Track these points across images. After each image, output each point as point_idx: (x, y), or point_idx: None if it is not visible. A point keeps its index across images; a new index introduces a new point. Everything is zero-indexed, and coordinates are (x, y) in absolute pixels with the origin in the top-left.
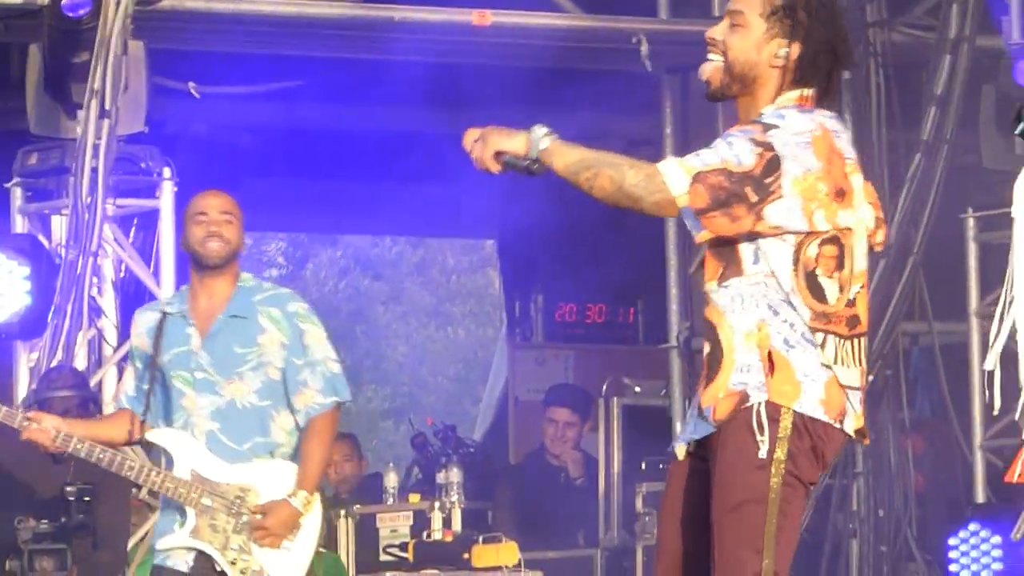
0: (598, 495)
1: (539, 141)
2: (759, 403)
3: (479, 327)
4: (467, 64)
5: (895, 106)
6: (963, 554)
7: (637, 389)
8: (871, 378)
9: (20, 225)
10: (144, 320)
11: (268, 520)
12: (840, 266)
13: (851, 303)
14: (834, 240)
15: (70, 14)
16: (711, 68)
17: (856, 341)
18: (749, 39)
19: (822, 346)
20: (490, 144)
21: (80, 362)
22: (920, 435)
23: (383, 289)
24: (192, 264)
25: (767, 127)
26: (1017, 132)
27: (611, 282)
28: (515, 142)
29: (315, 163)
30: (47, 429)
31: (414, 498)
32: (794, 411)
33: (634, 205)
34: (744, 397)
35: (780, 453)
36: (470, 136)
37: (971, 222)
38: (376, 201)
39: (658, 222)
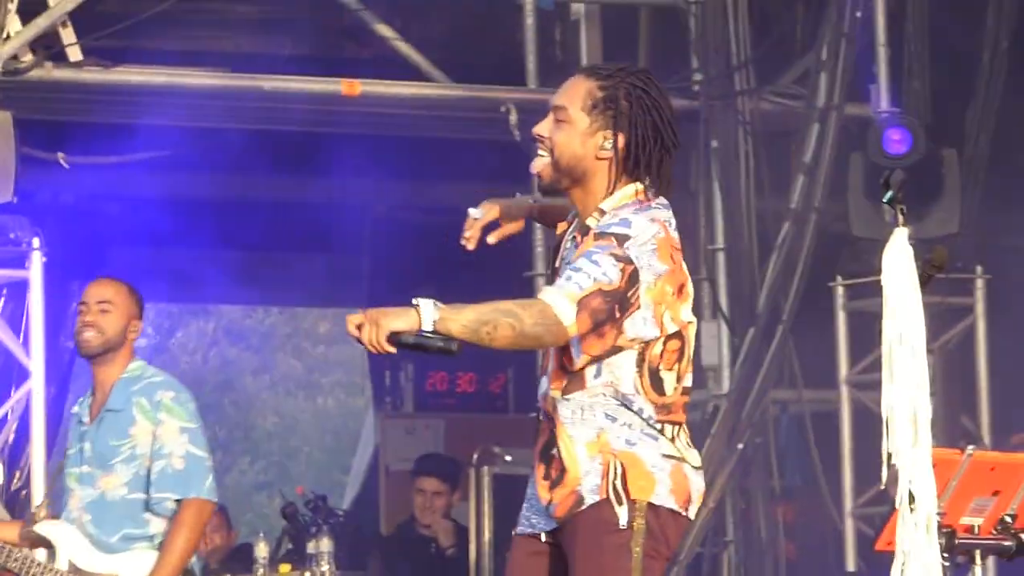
0: (468, 564)
1: (430, 313)
2: (589, 505)
3: (348, 396)
4: (338, 134)
5: (764, 174)
6: None
7: (508, 458)
8: (740, 446)
9: None
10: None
11: None
12: (680, 357)
13: (686, 390)
14: (677, 335)
15: None
16: (541, 164)
17: (687, 427)
18: (573, 134)
19: (663, 436)
20: (382, 327)
21: None
22: (790, 503)
23: (252, 359)
24: None
25: (621, 239)
26: (885, 200)
27: (481, 351)
28: (406, 320)
29: (184, 232)
30: None
31: (284, 568)
32: (648, 503)
33: (537, 343)
34: (579, 500)
35: (639, 522)
36: (352, 320)
37: (840, 290)
38: (247, 270)
39: (528, 292)
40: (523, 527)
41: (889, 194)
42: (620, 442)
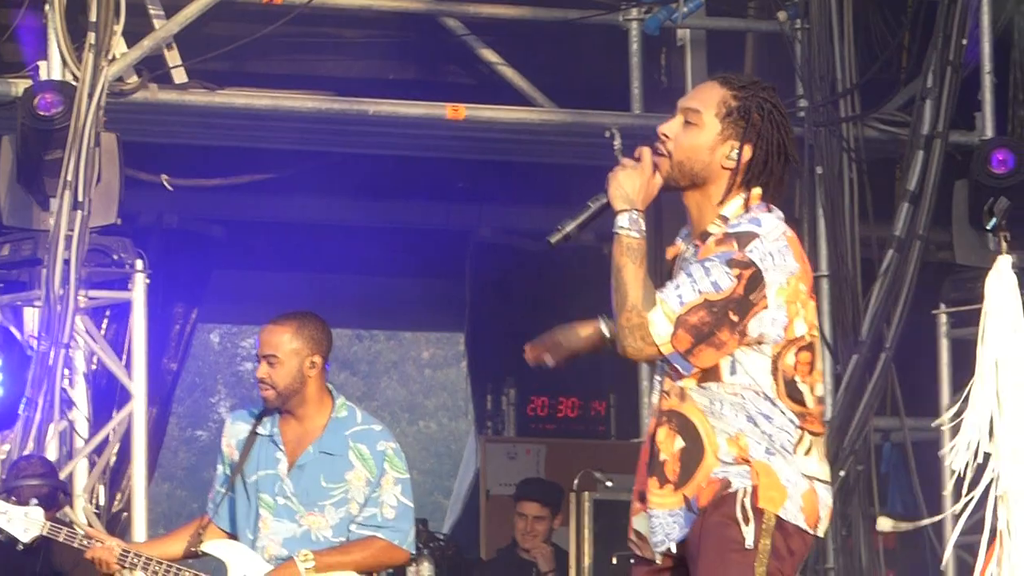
0: None
1: (625, 227)
2: (743, 489)
3: (451, 420)
4: (442, 158)
5: (868, 202)
6: None
7: (608, 483)
8: (842, 473)
9: None
10: (235, 431)
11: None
12: (811, 369)
13: (821, 399)
14: (809, 347)
15: (43, 112)
16: (660, 160)
17: (825, 437)
18: (702, 139)
19: (805, 451)
20: (624, 178)
21: (51, 454)
22: (891, 532)
23: (358, 385)
24: None
25: (745, 240)
26: (989, 228)
27: (583, 376)
28: (622, 196)
29: (287, 256)
30: (111, 547)
31: None
32: (777, 515)
33: (622, 343)
34: (726, 483)
35: (765, 543)
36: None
37: (944, 318)
38: (351, 295)
39: None
40: (639, 553)
41: (993, 221)
42: (759, 450)
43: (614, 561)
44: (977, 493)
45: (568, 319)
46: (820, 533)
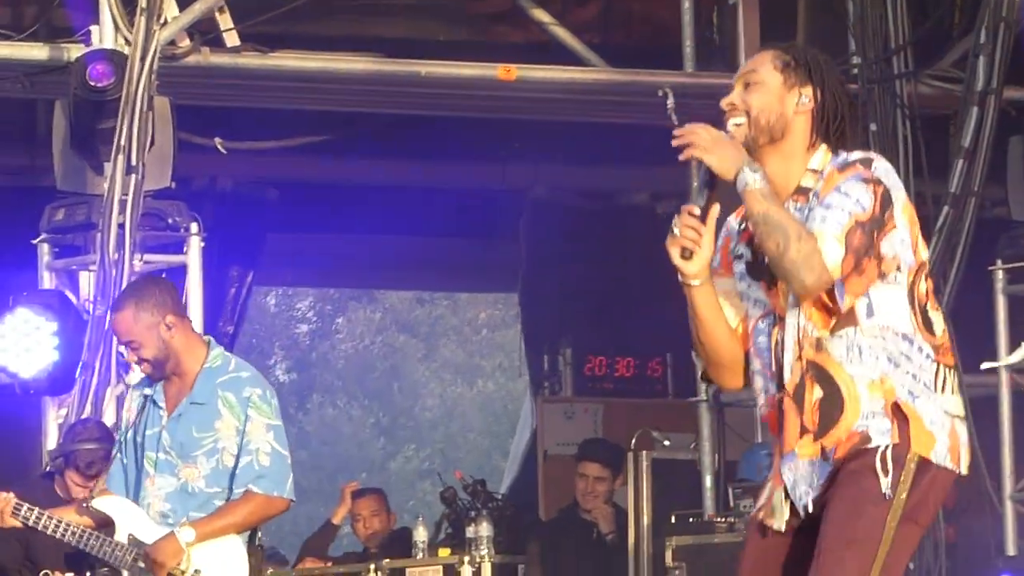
0: (627, 550)
1: (751, 180)
2: (883, 446)
3: (509, 380)
4: (495, 119)
5: (923, 158)
6: None
7: (666, 443)
8: None
9: (48, 281)
10: (133, 397)
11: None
12: (938, 296)
13: (946, 331)
14: (930, 273)
15: (95, 83)
16: (735, 131)
17: (959, 369)
18: (769, 94)
19: (942, 386)
20: (714, 149)
21: (108, 418)
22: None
23: (418, 346)
24: None
25: (866, 161)
26: None
27: (640, 335)
28: (728, 161)
29: (341, 218)
30: (7, 498)
31: (444, 552)
32: (920, 457)
33: (788, 279)
34: (866, 438)
35: (902, 494)
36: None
37: (1000, 274)
38: (406, 256)
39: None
40: (770, 517)
41: None
42: (903, 392)
43: (673, 520)
44: None
45: (623, 279)
46: (964, 470)
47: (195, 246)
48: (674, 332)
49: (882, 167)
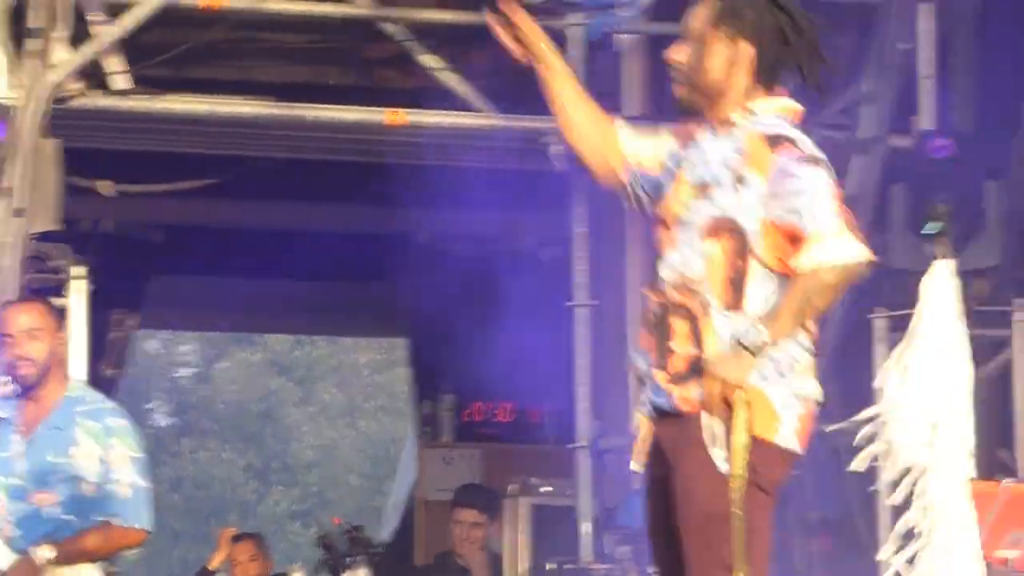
0: None
1: (758, 347)
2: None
3: (391, 424)
4: (382, 164)
5: None
6: None
7: (545, 489)
8: None
9: None
10: None
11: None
12: (818, 343)
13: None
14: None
15: None
16: (676, 87)
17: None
18: (704, 50)
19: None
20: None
21: None
22: (826, 535)
23: (294, 390)
24: None
25: (792, 140)
26: (929, 232)
27: (520, 381)
28: (741, 371)
29: (227, 261)
30: None
31: None
32: (755, 441)
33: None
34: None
35: (739, 468)
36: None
37: (881, 322)
38: (292, 300)
39: (568, 323)
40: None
41: (933, 226)
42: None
43: (548, 567)
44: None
45: (506, 324)
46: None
47: (79, 289)
48: (554, 379)
49: (808, 142)
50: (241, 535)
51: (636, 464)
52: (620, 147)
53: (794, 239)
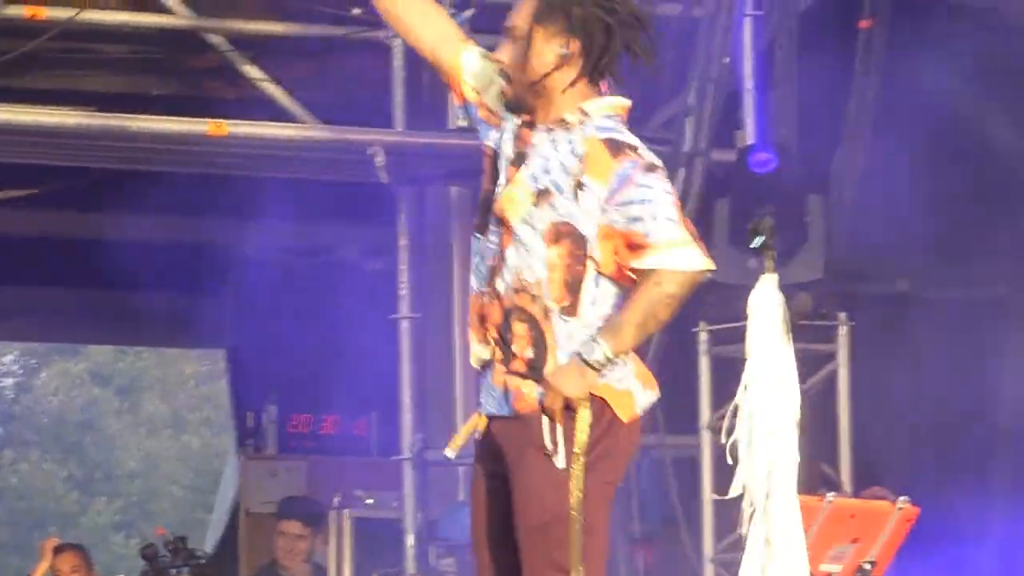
0: None
1: (602, 357)
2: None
3: (214, 435)
4: (204, 174)
5: None
6: None
7: (369, 501)
8: None
9: None
10: None
11: None
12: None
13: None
14: None
15: None
16: (506, 87)
17: None
18: (529, 48)
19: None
20: (562, 398)
21: None
22: (650, 547)
23: (113, 401)
24: None
25: (633, 148)
26: (754, 246)
27: (345, 393)
28: (579, 384)
29: (48, 271)
30: None
31: None
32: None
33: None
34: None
35: (577, 468)
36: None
37: (703, 335)
38: (114, 310)
39: (392, 335)
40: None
41: (758, 240)
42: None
43: None
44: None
45: (329, 336)
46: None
47: None
48: (379, 391)
49: (647, 150)
50: (63, 546)
51: (451, 451)
52: (461, 74)
53: (635, 247)
